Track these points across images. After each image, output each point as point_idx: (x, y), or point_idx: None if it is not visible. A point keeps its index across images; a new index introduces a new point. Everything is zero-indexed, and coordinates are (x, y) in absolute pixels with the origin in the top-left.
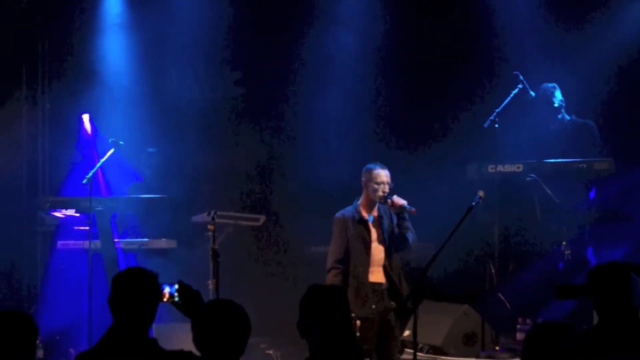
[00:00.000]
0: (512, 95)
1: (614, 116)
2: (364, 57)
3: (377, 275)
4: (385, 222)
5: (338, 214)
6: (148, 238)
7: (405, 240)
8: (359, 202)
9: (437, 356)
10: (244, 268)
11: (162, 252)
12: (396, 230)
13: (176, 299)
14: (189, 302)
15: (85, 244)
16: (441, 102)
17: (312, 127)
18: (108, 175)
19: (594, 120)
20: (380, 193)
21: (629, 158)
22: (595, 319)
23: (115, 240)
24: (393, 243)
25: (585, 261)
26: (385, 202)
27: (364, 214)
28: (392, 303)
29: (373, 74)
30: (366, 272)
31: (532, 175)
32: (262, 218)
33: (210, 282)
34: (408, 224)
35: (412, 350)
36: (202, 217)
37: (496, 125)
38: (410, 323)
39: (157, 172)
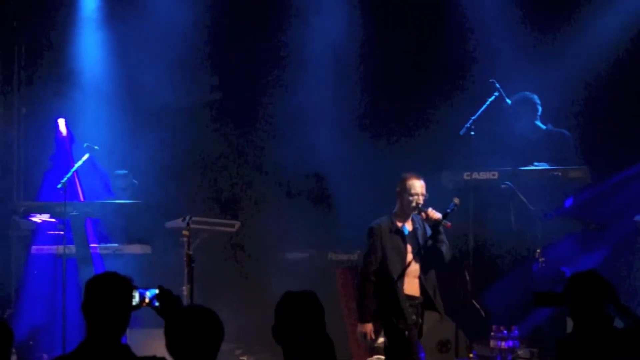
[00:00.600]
0: (488, 102)
1: (589, 124)
2: (337, 60)
3: (412, 288)
4: (420, 233)
5: (373, 224)
6: (122, 243)
7: (440, 253)
8: (394, 212)
9: None
10: (219, 274)
11: (136, 258)
12: (430, 242)
13: (155, 303)
14: (169, 308)
15: (60, 249)
16: (416, 109)
17: (290, 131)
18: (83, 180)
19: (568, 129)
20: (415, 204)
21: (604, 166)
22: (569, 326)
23: (90, 245)
24: (428, 256)
25: (559, 269)
26: (419, 213)
27: (399, 225)
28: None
29: (349, 78)
30: (401, 284)
31: (508, 182)
32: (237, 224)
33: (184, 287)
34: (443, 237)
35: (384, 357)
36: (176, 223)
37: (472, 133)
38: (384, 330)
39: (130, 193)
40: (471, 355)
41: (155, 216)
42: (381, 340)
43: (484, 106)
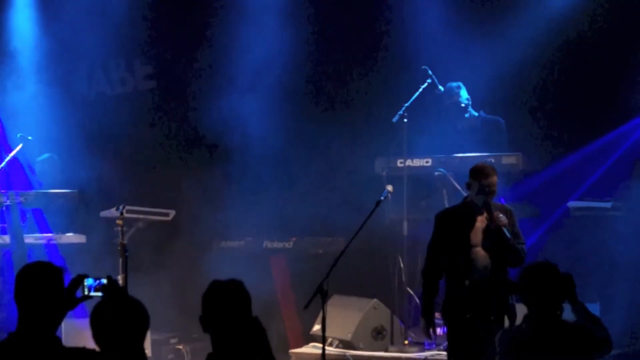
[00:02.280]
0: (420, 89)
1: (523, 111)
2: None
3: (477, 283)
4: (492, 227)
5: (442, 211)
6: (57, 233)
7: (513, 252)
8: (465, 201)
9: (347, 350)
10: (155, 263)
11: (71, 247)
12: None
13: (92, 292)
14: (115, 298)
15: None
16: (349, 97)
17: (228, 122)
18: (15, 170)
19: (502, 116)
20: (487, 198)
21: (539, 153)
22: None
23: (25, 235)
24: (498, 251)
25: None
26: (488, 208)
27: (468, 216)
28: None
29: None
30: (465, 279)
31: (441, 169)
32: (172, 213)
33: (119, 277)
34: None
35: (321, 345)
36: (110, 212)
37: (405, 120)
38: (319, 317)
39: (54, 176)
40: (406, 342)
41: (90, 205)
42: (316, 327)
43: (417, 93)
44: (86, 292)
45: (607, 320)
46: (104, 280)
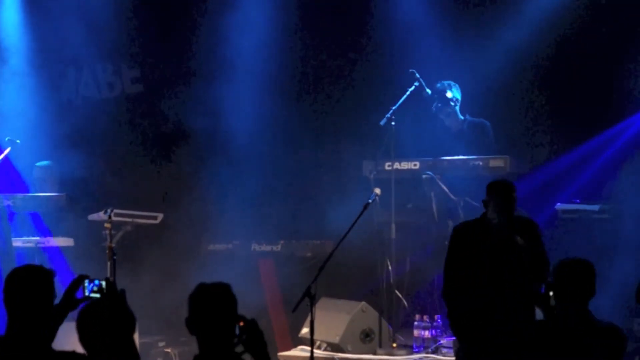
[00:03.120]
0: (408, 92)
1: (511, 113)
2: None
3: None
4: (512, 244)
5: (459, 225)
6: (45, 236)
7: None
8: (484, 216)
9: (335, 353)
10: (143, 266)
11: (59, 250)
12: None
13: (89, 293)
14: (111, 301)
15: None
16: (336, 101)
17: (215, 125)
18: (4, 173)
19: (488, 119)
20: (503, 217)
21: (524, 156)
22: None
23: (12, 238)
24: (522, 268)
25: None
26: (504, 227)
27: (486, 232)
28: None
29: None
30: (483, 297)
31: (429, 172)
32: (160, 216)
33: None
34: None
35: (309, 348)
36: (98, 215)
37: (392, 123)
38: (308, 320)
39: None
40: (394, 344)
41: (78, 209)
42: (304, 330)
43: (404, 96)
44: (86, 294)
45: None
46: (103, 282)
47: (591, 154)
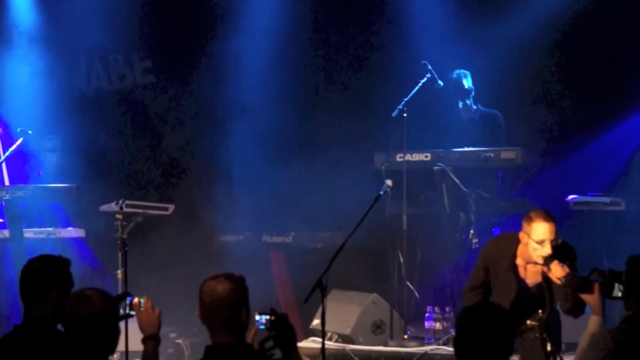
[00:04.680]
0: (420, 84)
1: (523, 105)
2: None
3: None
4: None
5: (492, 241)
6: (56, 227)
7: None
8: (520, 245)
9: (346, 345)
10: (154, 258)
11: (70, 241)
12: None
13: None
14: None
15: None
16: (348, 92)
17: (227, 117)
18: (14, 164)
19: (501, 110)
20: (540, 254)
21: (536, 148)
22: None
23: (24, 229)
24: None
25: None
26: (544, 265)
27: (518, 262)
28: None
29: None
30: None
31: (440, 164)
32: (171, 207)
33: (118, 271)
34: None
35: (320, 339)
36: (110, 206)
37: (404, 115)
38: (319, 312)
39: (61, 155)
40: (406, 336)
41: (89, 199)
42: (316, 322)
43: (416, 88)
44: (127, 310)
45: (607, 316)
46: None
47: (603, 146)
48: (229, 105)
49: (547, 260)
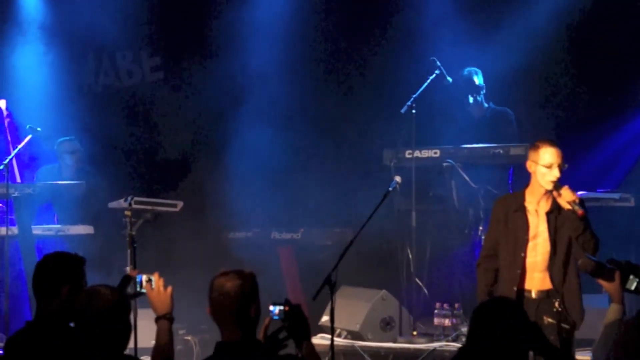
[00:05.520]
0: (429, 80)
1: (533, 102)
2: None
3: (533, 283)
4: (557, 216)
5: (500, 197)
6: (65, 224)
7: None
8: (527, 187)
9: (355, 341)
10: (163, 254)
11: (79, 238)
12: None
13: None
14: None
15: (2, 230)
16: (357, 89)
17: (234, 113)
18: (24, 161)
19: (511, 107)
20: (549, 178)
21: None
22: None
23: (33, 226)
24: (568, 245)
25: None
26: (553, 191)
27: (527, 203)
28: (549, 319)
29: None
30: (516, 277)
31: (449, 160)
32: (180, 204)
33: (127, 268)
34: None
35: (329, 336)
36: (119, 203)
37: (413, 111)
38: (328, 308)
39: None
40: (415, 333)
41: (98, 197)
42: (325, 318)
43: (425, 84)
44: (138, 289)
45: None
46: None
47: (613, 143)
48: (238, 102)
49: (557, 185)
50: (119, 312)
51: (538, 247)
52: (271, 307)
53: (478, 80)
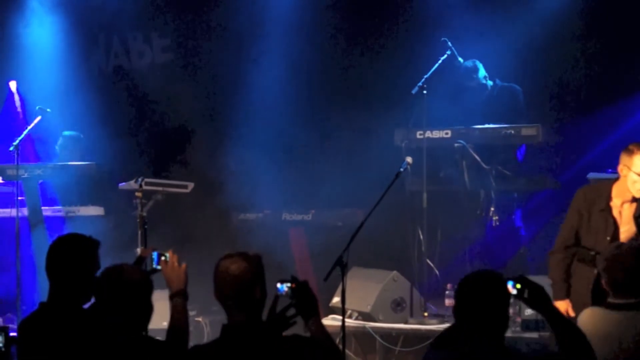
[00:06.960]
0: (440, 61)
1: (544, 82)
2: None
3: None
4: None
5: (583, 187)
6: (75, 205)
7: None
8: (615, 183)
9: (366, 322)
10: (173, 236)
11: (89, 220)
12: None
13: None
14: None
15: (13, 211)
16: (368, 70)
17: (246, 94)
18: (35, 142)
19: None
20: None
21: (557, 125)
22: None
23: (43, 207)
24: None
25: (513, 227)
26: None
27: (613, 204)
28: None
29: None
30: (592, 276)
31: (461, 141)
32: (190, 185)
33: (138, 249)
34: None
35: (340, 317)
36: (129, 184)
37: (424, 92)
38: (339, 289)
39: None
40: (426, 313)
41: (108, 178)
42: (336, 299)
43: (436, 65)
44: (154, 266)
45: None
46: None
47: (624, 124)
48: (248, 82)
49: None
50: (144, 291)
51: None
52: (278, 285)
53: (481, 72)
